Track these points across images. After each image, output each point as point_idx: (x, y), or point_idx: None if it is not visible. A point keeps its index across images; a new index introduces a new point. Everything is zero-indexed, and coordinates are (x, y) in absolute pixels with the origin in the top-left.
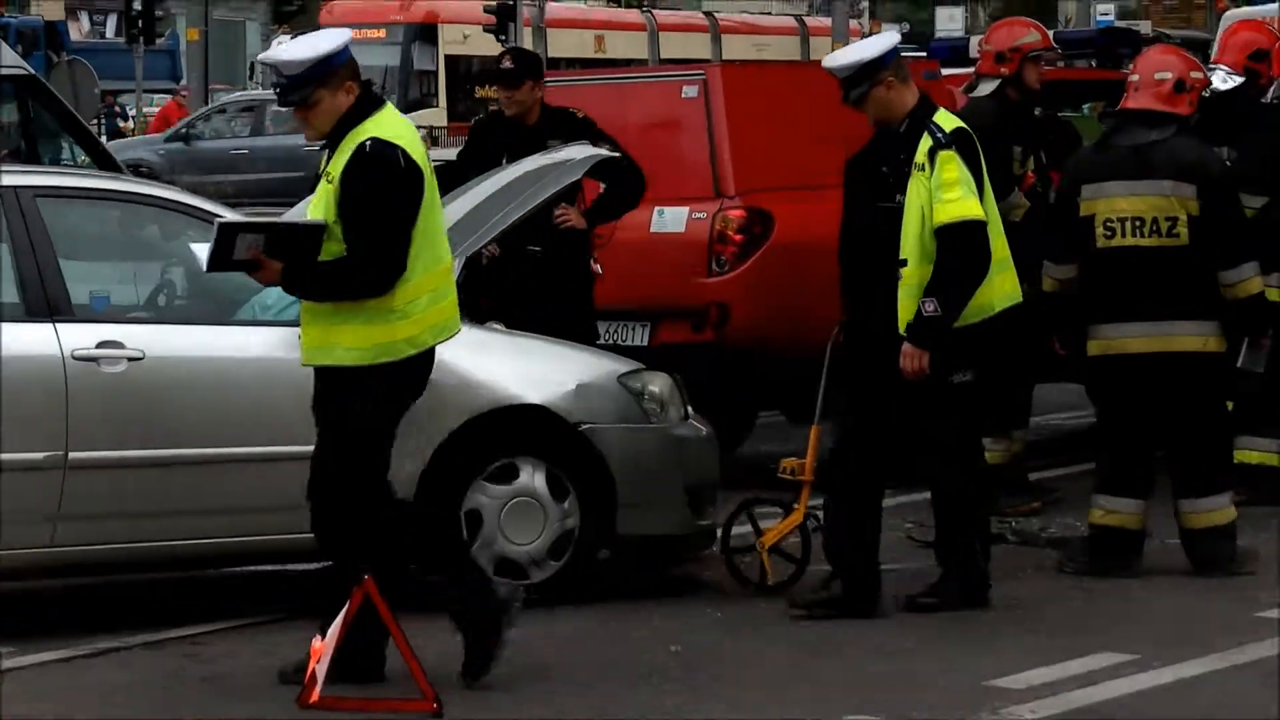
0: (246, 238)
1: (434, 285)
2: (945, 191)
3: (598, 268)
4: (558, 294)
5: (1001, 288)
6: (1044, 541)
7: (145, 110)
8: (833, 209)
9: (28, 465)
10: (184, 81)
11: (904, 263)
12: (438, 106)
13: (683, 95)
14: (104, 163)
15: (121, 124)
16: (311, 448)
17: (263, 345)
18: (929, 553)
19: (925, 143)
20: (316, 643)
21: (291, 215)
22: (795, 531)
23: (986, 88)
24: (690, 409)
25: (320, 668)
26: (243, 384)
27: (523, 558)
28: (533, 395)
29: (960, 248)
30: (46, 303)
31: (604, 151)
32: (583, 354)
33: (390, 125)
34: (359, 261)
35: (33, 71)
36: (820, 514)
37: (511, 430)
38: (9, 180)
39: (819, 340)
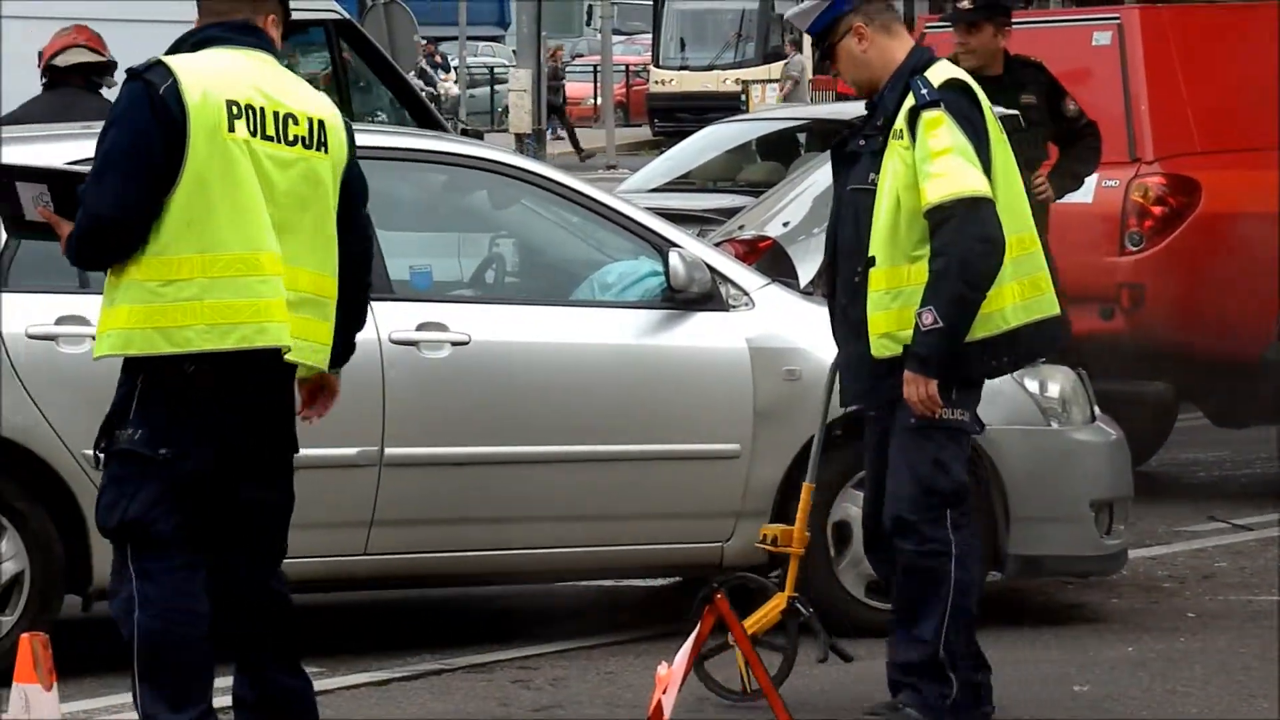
0: (30, 191)
1: (213, 273)
2: (932, 162)
3: None
4: None
5: (1016, 296)
6: None
7: (469, 59)
8: (1274, 178)
9: (340, 462)
10: (512, 28)
11: (871, 261)
12: (802, 54)
13: (1093, 43)
14: (424, 119)
15: (443, 76)
16: (663, 446)
17: (604, 329)
18: None
19: (907, 103)
20: (662, 669)
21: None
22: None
23: None
24: (1097, 409)
25: (667, 699)
26: (582, 374)
27: None
28: None
29: (957, 232)
30: None
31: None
32: None
33: (190, 59)
34: (83, 211)
35: (346, 15)
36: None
37: None
38: None
39: (1252, 332)
